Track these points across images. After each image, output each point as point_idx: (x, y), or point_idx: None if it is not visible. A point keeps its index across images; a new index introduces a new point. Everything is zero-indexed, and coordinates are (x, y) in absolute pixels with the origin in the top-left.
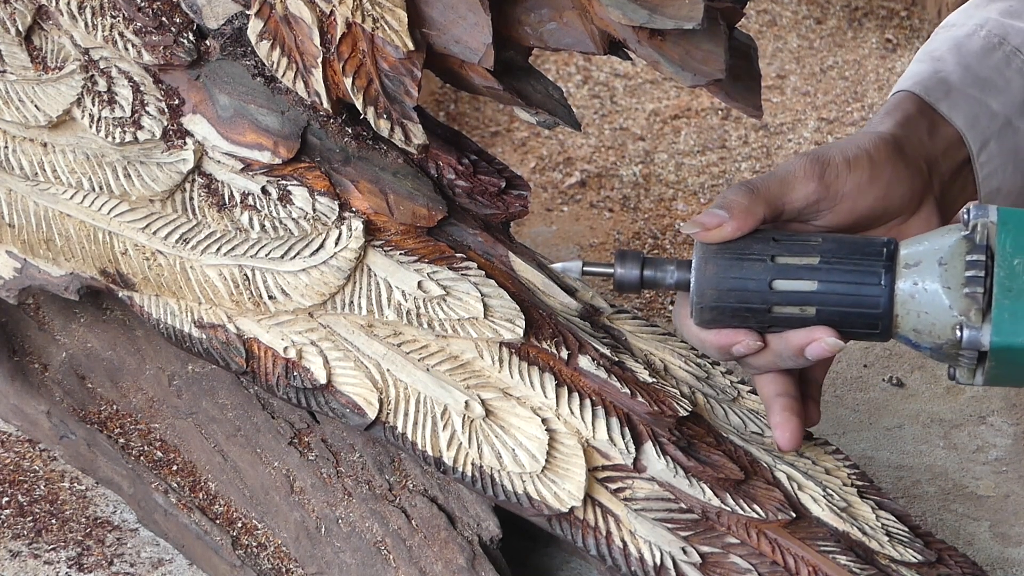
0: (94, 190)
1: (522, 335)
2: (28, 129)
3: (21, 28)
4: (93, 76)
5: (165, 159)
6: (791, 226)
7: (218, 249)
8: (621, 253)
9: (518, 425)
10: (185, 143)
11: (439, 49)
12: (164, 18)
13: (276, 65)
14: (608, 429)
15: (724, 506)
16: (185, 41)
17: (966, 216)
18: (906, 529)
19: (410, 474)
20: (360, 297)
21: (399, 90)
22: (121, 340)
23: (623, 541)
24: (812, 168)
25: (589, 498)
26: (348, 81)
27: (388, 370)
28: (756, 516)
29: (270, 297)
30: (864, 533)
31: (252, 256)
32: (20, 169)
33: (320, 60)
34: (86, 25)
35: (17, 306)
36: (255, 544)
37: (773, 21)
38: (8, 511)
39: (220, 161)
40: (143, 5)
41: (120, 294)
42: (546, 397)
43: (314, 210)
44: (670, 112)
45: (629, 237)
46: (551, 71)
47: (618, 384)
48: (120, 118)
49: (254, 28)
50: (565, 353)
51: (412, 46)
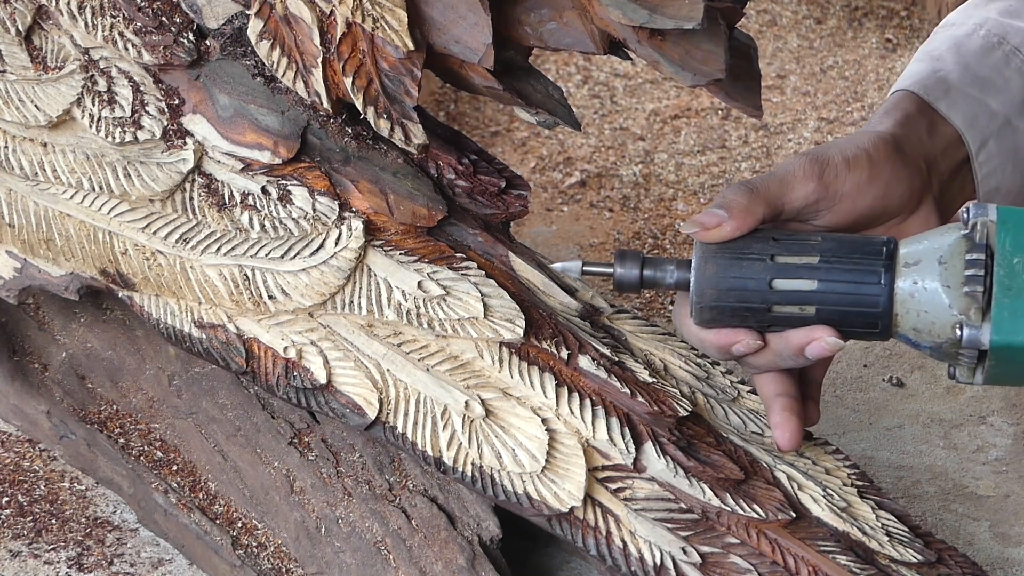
0: (94, 190)
1: (522, 335)
2: (28, 129)
3: (21, 28)
4: (93, 76)
5: (165, 159)
6: (791, 225)
7: (218, 249)
8: (621, 253)
9: (518, 425)
10: (185, 143)
11: (439, 49)
12: (164, 18)
13: (276, 65)
14: (608, 429)
15: (724, 506)
16: (185, 41)
17: (965, 215)
18: (906, 529)
19: (410, 474)
20: (360, 297)
21: (399, 90)
22: (121, 340)
23: (623, 541)
24: (811, 168)
25: (589, 498)
26: (348, 81)
27: (388, 370)
28: (756, 516)
29: (270, 297)
30: (864, 533)
31: (252, 256)
32: (20, 169)
33: (320, 60)
34: (86, 25)
35: (17, 306)
36: (255, 544)
37: (773, 21)
38: (8, 511)
39: (220, 161)
40: (143, 5)
41: (120, 294)
42: (546, 397)
43: (314, 210)
44: (670, 112)
45: (629, 237)
46: (551, 71)
47: (618, 384)
48: (120, 118)
49: (254, 28)
50: (565, 353)
51: (412, 46)
